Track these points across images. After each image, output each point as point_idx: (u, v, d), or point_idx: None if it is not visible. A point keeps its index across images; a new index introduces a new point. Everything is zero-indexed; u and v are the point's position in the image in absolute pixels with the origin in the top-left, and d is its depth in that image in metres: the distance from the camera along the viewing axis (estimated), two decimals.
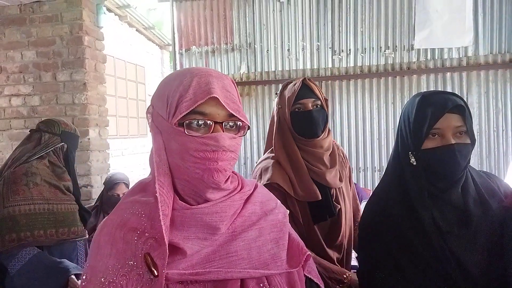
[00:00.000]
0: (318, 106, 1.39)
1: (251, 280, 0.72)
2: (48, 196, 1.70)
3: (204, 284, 0.70)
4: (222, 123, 0.71)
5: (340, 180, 1.43)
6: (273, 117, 1.49)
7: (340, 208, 1.40)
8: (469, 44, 3.43)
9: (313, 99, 1.38)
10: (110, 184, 2.70)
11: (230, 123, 0.73)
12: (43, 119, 3.18)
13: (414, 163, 1.04)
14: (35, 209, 1.64)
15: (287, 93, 1.41)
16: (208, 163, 0.69)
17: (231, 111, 0.71)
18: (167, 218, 0.69)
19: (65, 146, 1.85)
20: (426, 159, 1.02)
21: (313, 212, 1.36)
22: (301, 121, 1.37)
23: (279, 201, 0.88)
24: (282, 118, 1.43)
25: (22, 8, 3.22)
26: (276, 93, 1.46)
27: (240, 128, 0.75)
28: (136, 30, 6.66)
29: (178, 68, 3.98)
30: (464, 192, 1.03)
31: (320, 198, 1.34)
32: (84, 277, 0.71)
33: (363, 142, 3.66)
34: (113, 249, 0.70)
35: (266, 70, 3.77)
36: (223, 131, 0.71)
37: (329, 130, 1.45)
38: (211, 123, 0.71)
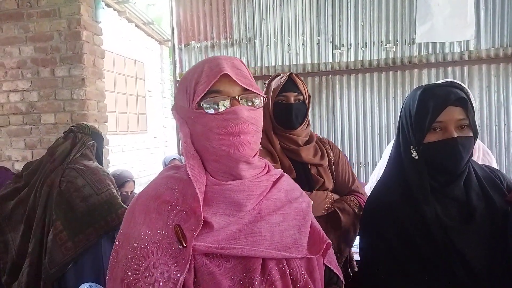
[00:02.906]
0: (300, 101, 1.48)
1: (272, 261, 0.76)
2: (110, 183, 1.97)
3: (228, 259, 0.73)
4: (238, 98, 0.76)
5: (321, 158, 1.50)
6: None
7: (324, 181, 1.45)
8: (471, 38, 3.39)
9: (296, 94, 1.47)
10: (120, 182, 2.76)
11: (246, 98, 0.78)
12: (41, 115, 3.21)
13: (416, 157, 1.02)
14: (114, 192, 1.91)
15: (274, 84, 1.51)
16: (232, 138, 0.74)
17: (243, 86, 0.76)
18: (202, 195, 0.74)
19: (95, 144, 2.07)
20: (428, 153, 1.01)
21: None
22: (282, 112, 1.48)
23: (303, 191, 0.92)
24: (265, 107, 1.52)
25: (19, 2, 3.19)
26: (264, 83, 1.56)
27: (257, 102, 0.80)
28: (135, 25, 6.63)
29: (177, 64, 3.96)
30: (467, 186, 1.01)
31: (296, 176, 1.42)
32: (117, 242, 0.76)
33: (363, 137, 3.64)
34: (146, 218, 0.75)
35: (266, 65, 3.75)
36: (240, 105, 0.76)
37: (308, 123, 1.54)
38: (228, 100, 0.76)
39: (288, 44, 3.72)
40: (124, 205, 1.93)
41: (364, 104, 3.62)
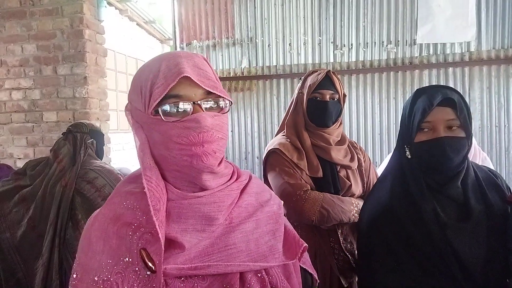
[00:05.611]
0: (335, 99, 1.47)
1: (249, 272, 0.70)
2: None
3: (203, 278, 0.67)
4: (200, 103, 0.68)
5: (351, 160, 1.48)
6: (291, 103, 1.58)
7: (351, 185, 1.44)
8: (472, 39, 3.40)
9: (332, 92, 1.46)
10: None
11: (210, 102, 0.69)
12: (43, 112, 3.22)
13: (409, 156, 1.05)
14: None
15: (310, 80, 1.50)
16: (194, 148, 0.66)
17: (207, 88, 0.68)
18: (159, 212, 0.65)
19: (94, 142, 2.09)
20: (418, 152, 1.03)
21: (318, 188, 1.40)
22: (316, 109, 1.47)
23: (273, 192, 0.85)
24: (299, 102, 1.52)
25: (22, 1, 3.20)
26: (300, 79, 1.55)
27: (223, 107, 0.72)
28: (137, 24, 6.64)
29: None
30: (464, 186, 1.02)
31: (322, 176, 1.41)
32: (74, 275, 0.67)
33: (364, 137, 3.64)
34: (106, 245, 0.67)
35: (268, 64, 3.75)
36: (203, 111, 0.67)
37: (341, 123, 1.53)
38: (189, 106, 0.67)
39: (290, 44, 3.73)
40: None
41: (364, 104, 3.62)
